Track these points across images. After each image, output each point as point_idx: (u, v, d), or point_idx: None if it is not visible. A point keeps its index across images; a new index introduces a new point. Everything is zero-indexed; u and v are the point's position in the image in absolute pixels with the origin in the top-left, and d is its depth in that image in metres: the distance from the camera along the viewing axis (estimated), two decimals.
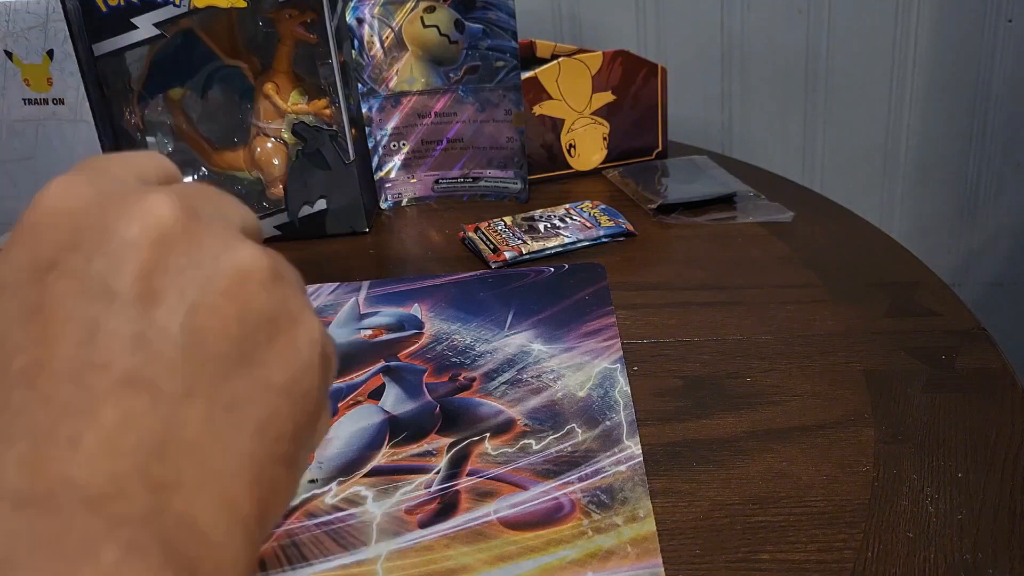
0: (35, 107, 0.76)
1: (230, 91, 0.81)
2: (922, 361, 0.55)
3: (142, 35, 0.74)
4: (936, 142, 1.23)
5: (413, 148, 0.85)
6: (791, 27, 1.17)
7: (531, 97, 0.84)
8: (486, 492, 0.46)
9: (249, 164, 0.80)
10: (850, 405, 0.52)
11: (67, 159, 0.78)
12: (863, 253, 0.71)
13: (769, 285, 0.66)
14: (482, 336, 0.61)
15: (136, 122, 0.80)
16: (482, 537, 0.43)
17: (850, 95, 1.20)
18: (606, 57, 0.85)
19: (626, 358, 0.57)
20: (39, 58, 0.74)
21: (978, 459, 0.47)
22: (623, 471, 0.47)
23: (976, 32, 1.15)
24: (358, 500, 0.46)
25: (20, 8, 0.73)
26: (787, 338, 0.59)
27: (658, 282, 0.68)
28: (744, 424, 0.51)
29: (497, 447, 0.50)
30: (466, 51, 0.80)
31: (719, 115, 1.23)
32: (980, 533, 0.42)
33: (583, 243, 0.74)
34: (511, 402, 0.53)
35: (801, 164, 1.25)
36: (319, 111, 0.77)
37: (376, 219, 0.84)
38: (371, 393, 0.56)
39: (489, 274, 0.69)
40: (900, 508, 0.44)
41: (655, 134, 0.90)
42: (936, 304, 0.62)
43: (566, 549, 0.42)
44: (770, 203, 0.79)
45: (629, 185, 0.84)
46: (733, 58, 1.19)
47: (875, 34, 1.17)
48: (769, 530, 0.43)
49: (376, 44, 0.81)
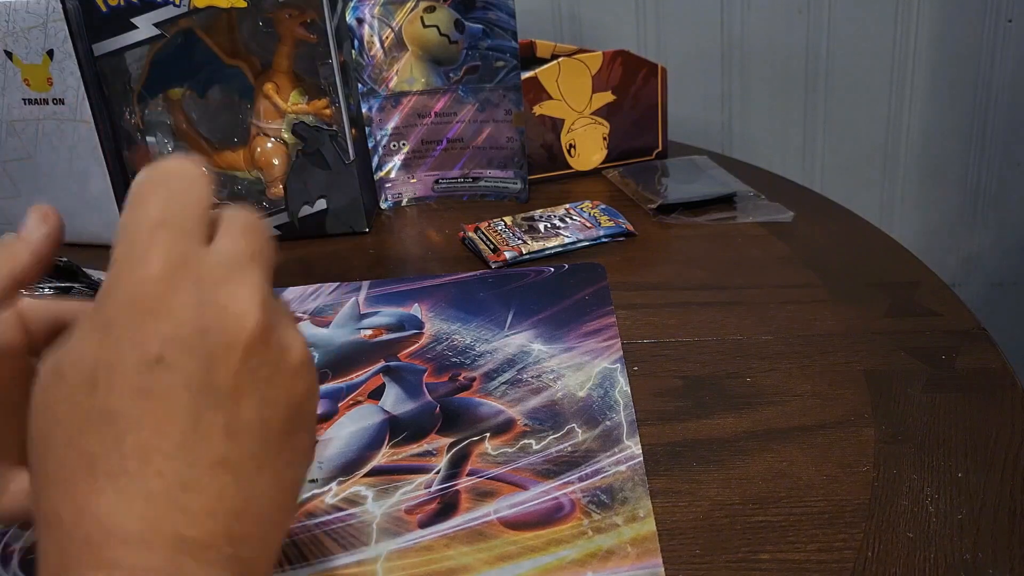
0: (35, 107, 0.76)
1: (230, 91, 0.81)
2: (922, 361, 0.55)
3: (142, 35, 0.74)
4: (936, 142, 1.23)
5: (413, 148, 0.85)
6: (791, 27, 1.17)
7: (531, 97, 0.84)
8: (486, 492, 0.46)
9: (249, 164, 0.80)
10: (850, 405, 0.52)
11: (67, 159, 0.78)
12: (863, 253, 0.71)
13: (769, 285, 0.66)
14: (482, 336, 0.61)
15: (136, 122, 0.80)
16: (482, 537, 0.43)
17: (850, 95, 1.20)
18: (606, 57, 0.85)
19: (626, 358, 0.57)
20: (39, 58, 0.74)
21: (978, 459, 0.47)
22: (623, 471, 0.47)
23: (976, 32, 1.15)
24: (358, 500, 0.46)
25: (20, 8, 0.73)
26: (787, 338, 0.59)
27: (658, 282, 0.68)
28: (744, 424, 0.51)
29: (497, 447, 0.50)
30: (466, 51, 0.80)
31: (719, 115, 1.23)
32: (980, 533, 0.42)
33: (583, 243, 0.74)
34: (511, 402, 0.53)
35: (801, 164, 1.25)
36: (319, 111, 0.77)
37: (376, 219, 0.84)
38: (371, 393, 0.56)
39: (489, 274, 0.69)
40: (900, 508, 0.44)
41: (655, 134, 0.90)
42: (936, 304, 0.62)
43: (566, 549, 0.42)
44: (770, 203, 0.79)
45: (629, 185, 0.84)
46: (733, 58, 1.19)
47: (875, 34, 1.17)
48: (769, 530, 0.43)
49: (376, 44, 0.81)
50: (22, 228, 0.34)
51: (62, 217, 0.34)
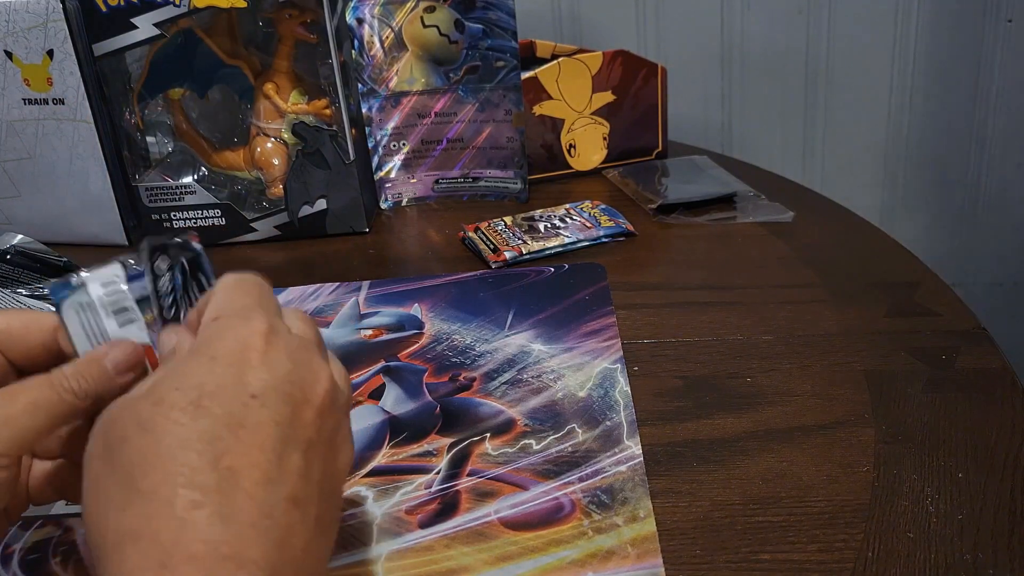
0: (35, 107, 0.76)
1: (230, 91, 0.81)
2: (922, 361, 0.55)
3: (142, 35, 0.74)
4: (936, 142, 1.23)
5: (413, 148, 0.85)
6: (791, 27, 1.17)
7: (531, 97, 0.84)
8: (486, 492, 0.46)
9: (249, 164, 0.80)
10: (850, 405, 0.52)
11: (67, 159, 0.78)
12: (863, 253, 0.71)
13: (769, 285, 0.66)
14: (482, 336, 0.61)
15: (136, 122, 0.80)
16: (482, 537, 0.43)
17: (850, 95, 1.20)
18: (606, 57, 0.85)
19: (626, 358, 0.57)
20: (39, 58, 0.74)
21: (978, 459, 0.47)
22: (623, 471, 0.47)
23: (976, 32, 1.15)
24: (358, 500, 0.46)
25: (20, 8, 0.73)
26: (787, 338, 0.59)
27: (658, 282, 0.68)
28: (744, 424, 0.51)
29: (497, 447, 0.50)
30: (466, 51, 0.80)
31: (719, 115, 1.23)
32: (980, 533, 0.42)
33: (583, 243, 0.74)
34: (511, 402, 0.53)
35: (801, 164, 1.25)
36: (319, 111, 0.77)
37: (376, 219, 0.84)
38: (371, 393, 0.56)
39: (489, 274, 0.69)
40: (900, 508, 0.44)
41: (655, 134, 0.90)
42: (936, 304, 0.62)
43: (566, 549, 0.42)
44: (770, 203, 0.79)
45: (629, 185, 0.84)
46: (733, 58, 1.19)
47: (875, 34, 1.17)
48: (769, 530, 0.43)
49: (376, 44, 0.81)
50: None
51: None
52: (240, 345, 0.32)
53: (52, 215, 0.81)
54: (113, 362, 0.36)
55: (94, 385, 0.35)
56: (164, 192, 0.78)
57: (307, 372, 0.33)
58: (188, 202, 0.78)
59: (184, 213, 0.79)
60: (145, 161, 0.82)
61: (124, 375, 0.36)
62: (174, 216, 0.79)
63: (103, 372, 0.35)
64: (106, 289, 0.37)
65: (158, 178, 0.80)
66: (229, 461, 0.30)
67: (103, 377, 0.35)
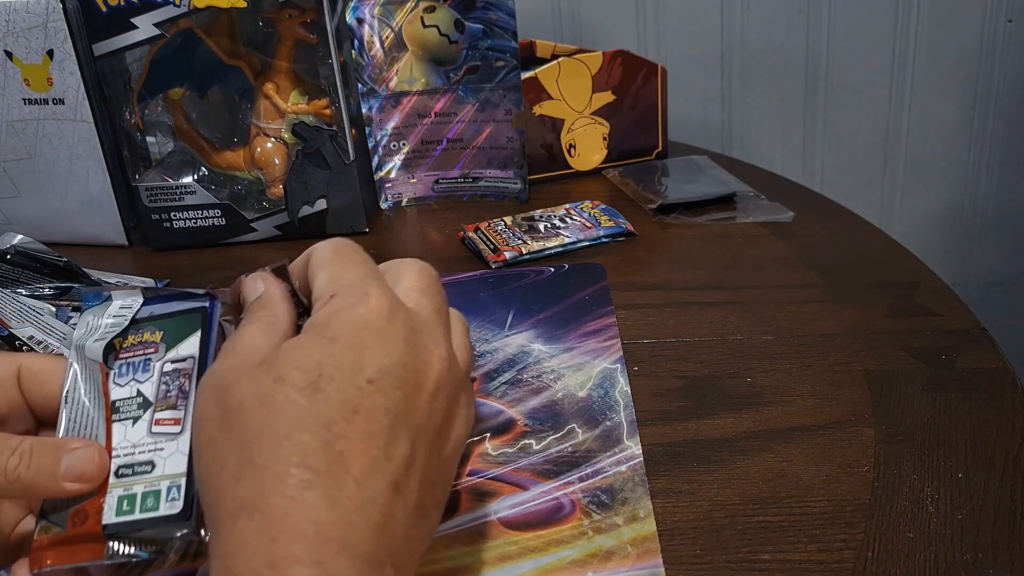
0: (35, 107, 0.76)
1: (230, 91, 0.81)
2: (922, 361, 0.55)
3: (142, 35, 0.74)
4: (936, 142, 1.23)
5: (413, 148, 0.85)
6: (791, 27, 1.17)
7: (531, 97, 0.84)
8: (486, 492, 0.46)
9: (249, 164, 0.80)
10: (850, 405, 0.52)
11: (67, 159, 0.78)
12: (863, 253, 0.71)
13: (769, 285, 0.66)
14: (482, 336, 0.61)
15: (136, 122, 0.80)
16: (482, 537, 0.43)
17: (850, 95, 1.20)
18: (606, 57, 0.85)
19: (626, 358, 0.57)
20: (39, 58, 0.74)
21: (978, 459, 0.47)
22: (623, 471, 0.47)
23: (976, 32, 1.15)
24: None
25: (20, 8, 0.73)
26: (787, 338, 0.59)
27: (658, 282, 0.68)
28: (744, 424, 0.51)
29: (497, 447, 0.50)
30: (466, 51, 0.80)
31: (719, 115, 1.23)
32: (980, 533, 0.42)
33: (583, 243, 0.74)
34: (511, 402, 0.53)
35: (801, 164, 1.25)
36: (319, 111, 0.77)
37: (376, 219, 0.84)
38: None
39: (489, 274, 0.69)
40: (900, 508, 0.44)
41: (655, 134, 0.90)
42: (936, 304, 0.62)
43: (566, 549, 0.42)
44: (770, 203, 0.79)
45: (629, 185, 0.84)
46: (733, 58, 1.19)
47: (875, 34, 1.17)
48: (769, 530, 0.43)
49: (376, 44, 0.81)
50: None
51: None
52: (359, 325, 0.33)
53: (52, 215, 0.81)
54: (68, 465, 0.33)
55: (33, 476, 0.33)
56: (164, 192, 0.78)
57: (421, 355, 0.33)
58: (188, 202, 0.78)
59: (184, 213, 0.79)
60: (145, 161, 0.82)
61: (72, 484, 0.33)
62: (174, 216, 0.79)
63: (52, 467, 0.33)
64: (117, 310, 0.37)
65: (158, 178, 0.80)
66: (341, 446, 0.30)
67: (47, 473, 0.33)
